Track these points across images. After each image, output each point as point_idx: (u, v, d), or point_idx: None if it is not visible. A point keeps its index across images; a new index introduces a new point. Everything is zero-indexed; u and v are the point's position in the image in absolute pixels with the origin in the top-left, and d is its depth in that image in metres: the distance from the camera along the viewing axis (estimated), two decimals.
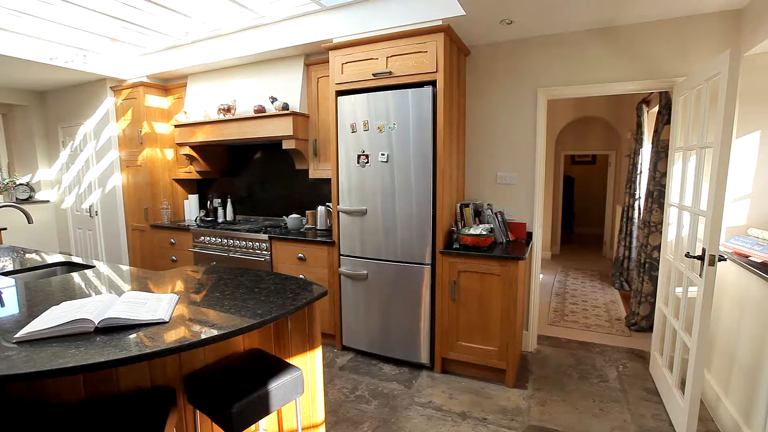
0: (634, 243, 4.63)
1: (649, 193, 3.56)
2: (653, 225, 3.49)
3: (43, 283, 2.07)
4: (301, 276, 3.27)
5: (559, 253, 6.89)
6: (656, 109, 3.56)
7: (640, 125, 4.52)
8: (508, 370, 2.69)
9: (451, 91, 2.86)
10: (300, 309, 1.66)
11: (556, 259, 6.57)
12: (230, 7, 3.13)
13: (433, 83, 2.71)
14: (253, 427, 1.91)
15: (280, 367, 1.61)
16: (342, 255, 3.13)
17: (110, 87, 4.45)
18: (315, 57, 3.45)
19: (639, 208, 4.59)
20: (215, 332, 1.38)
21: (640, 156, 4.54)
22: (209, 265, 2.48)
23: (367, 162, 2.94)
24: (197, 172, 4.25)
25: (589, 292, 4.80)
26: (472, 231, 2.81)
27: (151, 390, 1.52)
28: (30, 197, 5.22)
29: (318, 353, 1.92)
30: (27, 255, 2.86)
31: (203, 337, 1.34)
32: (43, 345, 1.28)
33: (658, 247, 3.42)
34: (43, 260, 2.67)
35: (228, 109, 3.63)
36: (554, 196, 6.64)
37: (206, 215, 4.31)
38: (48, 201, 5.37)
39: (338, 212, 3.12)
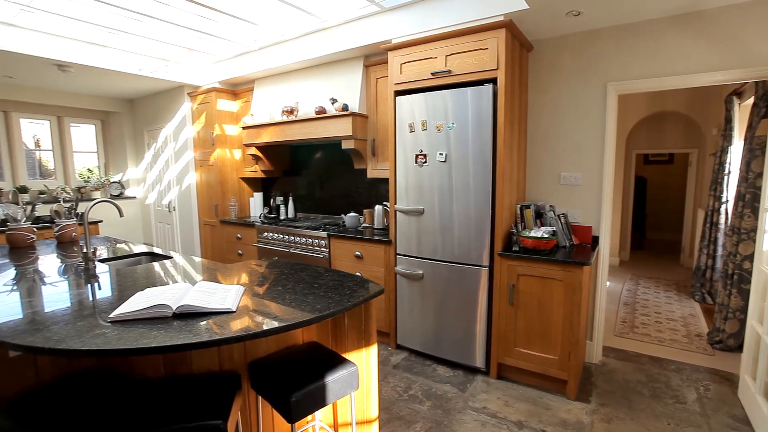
0: (720, 251, 4.18)
1: (739, 196, 3.19)
2: (744, 232, 3.12)
3: (131, 271, 2.30)
4: (358, 273, 3.34)
5: (628, 260, 6.40)
6: (750, 101, 3.19)
7: (729, 120, 4.07)
8: (570, 381, 2.55)
9: (513, 88, 2.77)
10: (357, 306, 1.69)
11: (626, 265, 6.11)
12: (295, 13, 3.27)
13: (493, 81, 2.64)
14: (309, 417, 1.98)
15: (337, 361, 1.65)
16: (398, 254, 3.15)
17: (187, 93, 4.84)
18: (374, 58, 3.51)
19: (726, 213, 4.13)
20: (277, 324, 1.45)
21: (728, 154, 4.08)
22: (272, 259, 2.62)
23: (425, 162, 2.93)
24: (262, 171, 4.49)
25: (664, 303, 4.41)
26: (532, 233, 2.70)
27: (220, 373, 1.63)
28: (121, 193, 5.82)
29: (373, 350, 1.95)
30: (118, 245, 3.19)
31: (266, 328, 1.42)
32: (131, 326, 1.42)
33: (750, 257, 3.06)
34: (130, 250, 2.97)
35: (291, 111, 3.79)
36: (624, 198, 6.17)
37: (269, 212, 4.54)
38: (135, 197, 5.95)
39: (395, 211, 3.14)
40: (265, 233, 4.04)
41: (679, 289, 4.91)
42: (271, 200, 4.65)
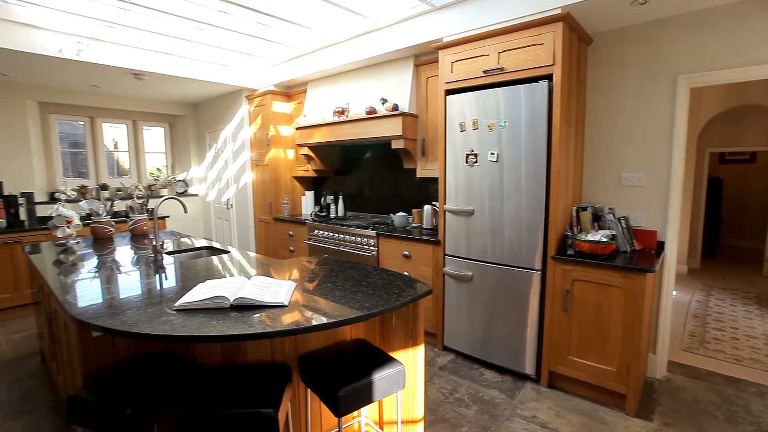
0: None
1: None
2: None
3: (193, 263, 2.47)
4: (406, 273, 3.35)
5: (698, 268, 5.88)
6: None
7: None
8: (629, 395, 2.39)
9: (570, 84, 2.64)
10: (405, 305, 1.70)
11: (695, 274, 5.61)
12: (346, 16, 3.34)
13: (548, 77, 2.54)
14: (355, 413, 2.02)
15: (384, 359, 1.67)
16: (447, 255, 3.12)
17: (245, 96, 5.10)
18: (424, 57, 3.49)
19: None
20: (326, 320, 1.49)
21: None
22: (322, 257, 2.69)
23: (476, 161, 2.87)
24: (314, 170, 4.63)
25: (742, 317, 4.01)
26: (589, 237, 2.56)
27: (271, 364, 1.71)
28: (185, 191, 6.25)
29: (420, 350, 1.95)
30: (182, 239, 3.43)
31: (316, 323, 1.47)
32: (193, 315, 1.53)
33: None
34: (192, 244, 3.18)
35: (342, 112, 3.88)
36: (695, 200, 5.67)
37: (320, 211, 4.67)
38: (197, 194, 6.37)
39: (444, 212, 3.11)
40: (316, 231, 4.16)
41: (761, 302, 4.43)
42: (322, 199, 4.78)
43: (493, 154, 2.77)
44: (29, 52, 3.42)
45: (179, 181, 6.23)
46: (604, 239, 2.51)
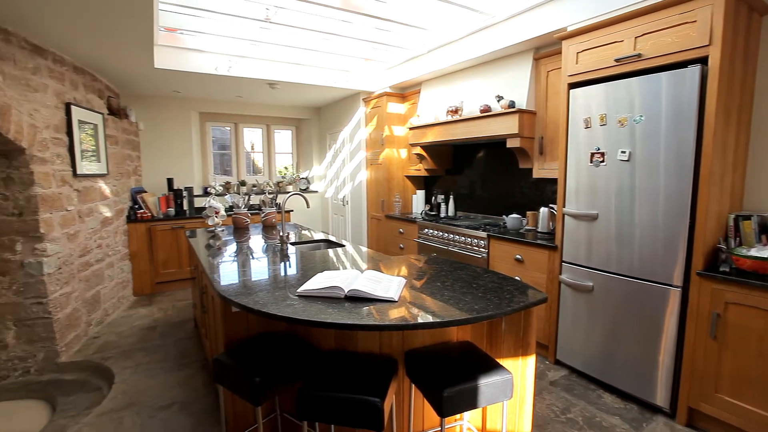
0: None
1: None
2: None
3: (311, 254, 2.71)
4: (517, 278, 3.19)
5: None
6: None
7: None
8: None
9: (732, 67, 2.20)
10: (517, 311, 1.63)
11: None
12: (462, 13, 3.30)
13: (701, 61, 2.15)
14: (458, 416, 2.00)
15: (491, 365, 1.62)
16: (564, 262, 2.88)
17: (362, 99, 5.39)
18: (545, 50, 3.27)
19: None
20: (435, 319, 1.51)
21: None
22: (431, 256, 2.71)
23: (602, 161, 2.59)
24: (425, 169, 4.68)
25: None
26: (753, 252, 2.11)
27: (379, 356, 1.79)
28: (307, 188, 6.87)
29: (531, 361, 1.84)
30: (303, 231, 3.79)
31: (424, 321, 1.49)
32: (312, 301, 1.68)
33: None
34: (312, 236, 3.49)
35: (455, 111, 3.84)
36: None
37: (430, 210, 4.71)
38: (317, 191, 6.95)
39: (563, 215, 2.88)
40: (426, 230, 4.20)
41: None
42: (433, 198, 4.81)
43: (623, 152, 2.47)
44: (194, 71, 4.12)
45: (302, 178, 6.86)
46: None
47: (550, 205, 3.29)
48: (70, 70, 3.44)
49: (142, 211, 4.68)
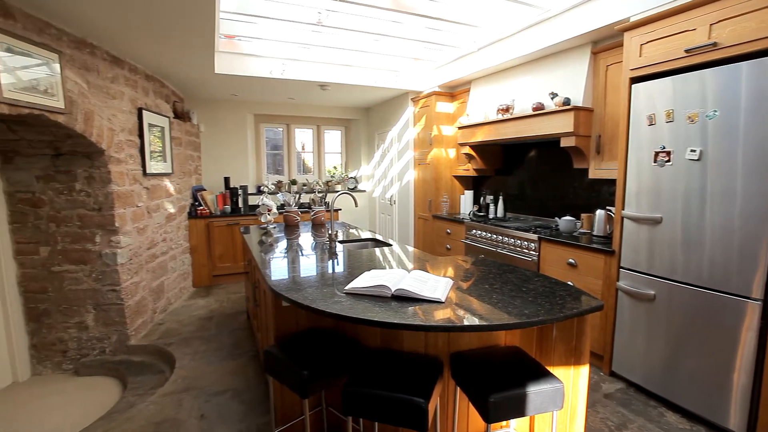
0: None
1: None
2: None
3: (359, 252, 2.75)
4: (569, 283, 3.05)
5: None
6: None
7: None
8: None
9: None
10: (569, 318, 1.55)
11: None
12: (515, 8, 3.19)
13: None
14: (504, 423, 1.94)
15: (540, 373, 1.56)
16: (622, 268, 2.71)
17: (411, 99, 5.38)
18: (604, 43, 3.09)
19: None
20: (482, 322, 1.48)
21: None
22: (478, 257, 2.66)
23: (668, 160, 2.41)
24: (474, 169, 4.59)
25: None
26: None
27: (424, 356, 1.78)
28: (355, 187, 6.98)
29: (584, 371, 1.76)
30: (350, 230, 3.85)
31: (471, 323, 1.46)
32: (359, 299, 1.70)
33: None
34: (359, 235, 3.54)
35: (506, 109, 3.73)
36: None
37: (479, 210, 4.61)
38: (365, 190, 7.04)
39: (622, 218, 2.71)
40: (473, 231, 4.12)
41: None
42: (481, 198, 4.71)
43: (693, 151, 2.28)
44: (250, 75, 4.33)
45: (351, 178, 6.98)
46: None
47: (607, 208, 3.11)
48: (142, 77, 3.74)
49: (201, 208, 4.99)
